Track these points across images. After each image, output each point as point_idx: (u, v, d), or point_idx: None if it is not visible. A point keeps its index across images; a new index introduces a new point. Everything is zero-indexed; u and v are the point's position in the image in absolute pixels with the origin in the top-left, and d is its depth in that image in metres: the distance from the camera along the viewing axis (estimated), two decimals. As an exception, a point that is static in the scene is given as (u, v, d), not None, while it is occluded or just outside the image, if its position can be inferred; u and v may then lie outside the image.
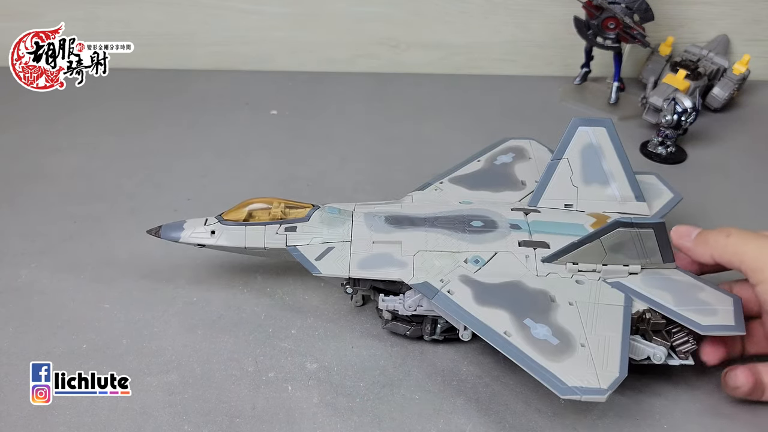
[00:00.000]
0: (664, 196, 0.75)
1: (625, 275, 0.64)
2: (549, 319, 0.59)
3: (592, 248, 0.63)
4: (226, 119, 1.06)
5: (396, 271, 0.64)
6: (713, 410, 0.62)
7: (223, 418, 0.60)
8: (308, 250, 0.66)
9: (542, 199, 0.73)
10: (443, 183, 0.77)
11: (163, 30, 1.17)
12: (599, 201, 0.72)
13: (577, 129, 0.73)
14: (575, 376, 0.54)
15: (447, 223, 0.68)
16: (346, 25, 1.17)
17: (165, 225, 0.69)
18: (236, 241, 0.67)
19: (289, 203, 0.69)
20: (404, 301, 0.64)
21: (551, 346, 0.57)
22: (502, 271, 0.64)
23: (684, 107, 0.94)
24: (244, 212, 0.68)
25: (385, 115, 1.09)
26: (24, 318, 0.69)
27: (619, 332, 0.58)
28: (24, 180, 0.91)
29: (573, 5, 1.03)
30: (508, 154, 0.81)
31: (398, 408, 0.61)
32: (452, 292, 0.61)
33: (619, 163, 0.73)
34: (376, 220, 0.68)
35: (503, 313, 0.60)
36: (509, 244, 0.66)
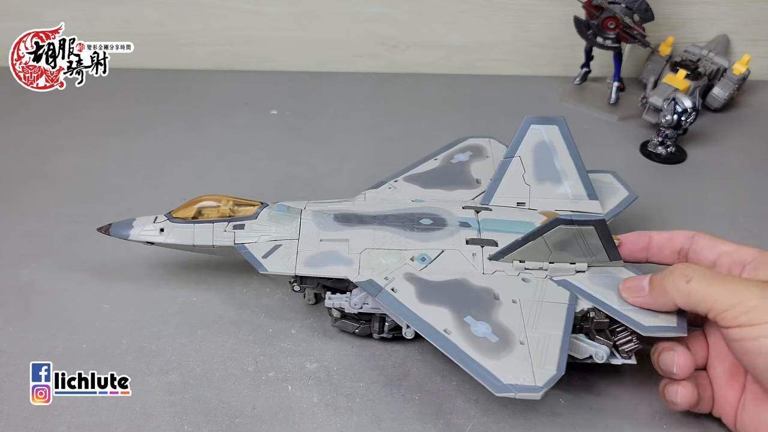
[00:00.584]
0: (620, 194, 0.75)
1: (572, 273, 0.64)
2: (490, 317, 0.59)
3: (536, 246, 0.62)
4: (226, 119, 1.06)
5: (342, 268, 0.64)
6: (713, 410, 0.62)
7: (223, 418, 0.60)
8: (256, 248, 0.66)
9: (495, 197, 0.73)
10: (398, 181, 0.77)
11: (163, 30, 1.17)
12: (552, 199, 0.72)
13: (529, 127, 0.73)
14: (512, 373, 0.54)
15: (396, 221, 0.68)
16: (346, 25, 1.17)
17: (115, 223, 0.69)
18: (185, 238, 0.67)
19: (238, 201, 0.69)
20: (350, 299, 0.64)
21: (490, 344, 0.57)
22: (448, 269, 0.64)
23: (684, 107, 0.94)
24: (193, 210, 0.68)
25: (385, 115, 1.09)
26: (24, 318, 0.69)
27: (560, 330, 0.58)
28: (24, 180, 0.91)
29: (573, 5, 1.04)
30: (465, 152, 0.82)
31: (398, 408, 0.61)
32: (396, 290, 0.61)
33: (572, 161, 0.73)
34: (325, 218, 0.68)
35: (444, 311, 0.59)
36: (457, 242, 0.66)
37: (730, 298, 0.51)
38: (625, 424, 0.60)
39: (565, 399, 0.62)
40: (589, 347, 0.60)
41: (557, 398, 0.62)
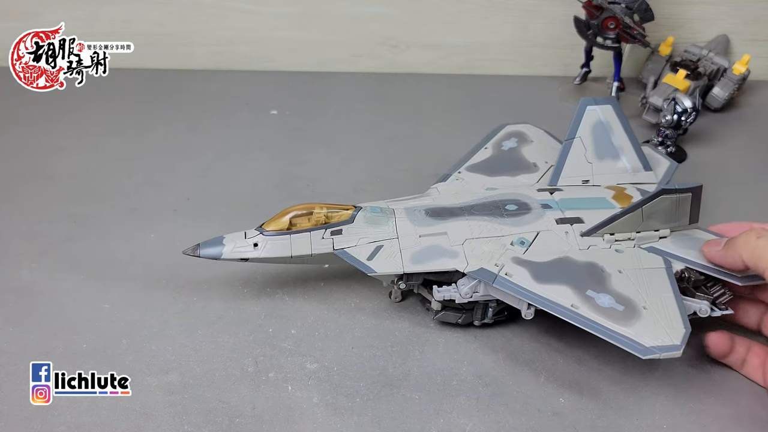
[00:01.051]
0: (663, 164, 0.80)
1: (656, 240, 0.67)
2: (607, 288, 0.62)
3: (630, 218, 0.66)
4: (226, 119, 1.06)
5: (449, 261, 0.65)
6: (714, 410, 0.61)
7: (223, 418, 0.60)
8: (358, 251, 0.66)
9: (561, 177, 0.76)
10: (462, 172, 0.79)
11: (163, 30, 1.17)
12: (613, 174, 0.77)
13: (585, 108, 0.78)
14: (649, 337, 0.57)
15: (484, 209, 0.70)
16: (346, 25, 1.17)
17: (203, 243, 0.67)
18: (282, 251, 0.66)
19: (331, 206, 0.69)
20: (459, 290, 0.65)
21: (619, 313, 0.59)
22: (549, 249, 0.66)
23: (684, 107, 0.94)
24: (285, 221, 0.67)
25: (385, 115, 1.09)
26: (24, 318, 0.69)
27: (671, 292, 0.61)
28: (24, 180, 0.91)
29: (573, 5, 1.03)
30: (511, 139, 0.84)
31: (398, 408, 0.61)
32: (510, 275, 0.63)
33: (626, 137, 0.78)
34: (417, 215, 0.69)
35: (565, 288, 0.62)
36: (547, 222, 0.69)
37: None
38: (626, 424, 0.60)
39: (566, 399, 0.62)
40: (692, 304, 0.62)
41: (558, 398, 0.62)
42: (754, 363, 0.63)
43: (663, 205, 0.65)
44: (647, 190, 0.74)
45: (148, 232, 0.81)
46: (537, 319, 0.70)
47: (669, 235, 0.68)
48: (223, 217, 0.85)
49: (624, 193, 0.74)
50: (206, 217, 0.85)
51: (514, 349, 0.67)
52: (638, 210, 0.65)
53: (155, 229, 0.82)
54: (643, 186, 0.76)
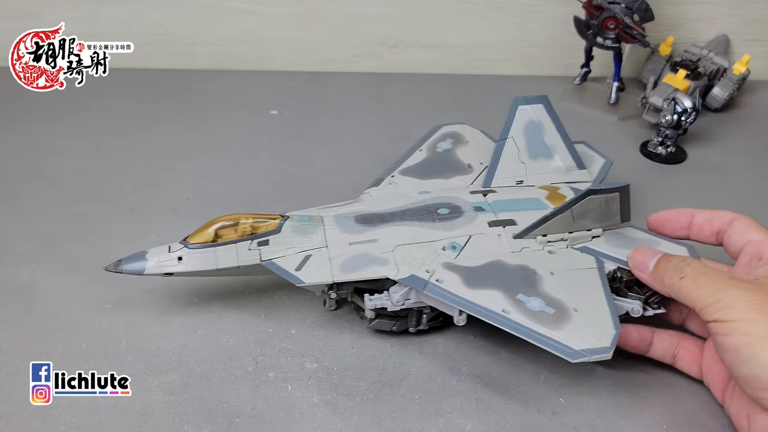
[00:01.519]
0: (598, 162, 0.81)
1: (588, 239, 0.67)
2: (538, 291, 0.61)
3: (561, 218, 0.65)
4: (226, 119, 1.06)
5: (379, 269, 0.64)
6: (714, 410, 0.61)
7: (223, 418, 0.60)
8: (286, 262, 0.65)
9: (495, 178, 0.76)
10: (395, 176, 0.78)
11: (163, 30, 1.17)
12: (547, 173, 0.77)
13: (517, 108, 0.77)
14: (578, 340, 0.56)
15: (415, 214, 0.69)
16: (346, 25, 1.17)
17: (125, 258, 0.65)
18: (207, 264, 0.65)
19: (257, 216, 0.67)
20: (391, 297, 0.64)
21: (549, 316, 0.59)
22: (481, 253, 0.65)
23: (684, 107, 0.94)
24: (210, 233, 0.65)
25: (385, 115, 1.09)
26: (24, 318, 0.69)
27: (602, 292, 0.61)
28: (24, 180, 0.91)
29: (573, 5, 1.04)
30: (446, 140, 0.84)
31: (398, 408, 0.61)
32: (441, 281, 0.62)
33: (559, 135, 0.78)
34: (347, 222, 0.68)
35: (496, 293, 0.61)
36: (480, 226, 0.68)
37: (711, 296, 0.55)
38: (626, 424, 0.60)
39: (565, 399, 0.62)
40: (624, 304, 0.62)
41: (558, 398, 0.62)
42: (687, 359, 0.63)
43: (592, 206, 0.65)
44: (581, 188, 0.73)
45: (148, 232, 0.81)
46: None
47: (602, 235, 0.68)
48: (223, 217, 0.84)
49: (557, 193, 0.74)
50: (206, 217, 0.84)
51: (514, 349, 0.67)
52: (568, 211, 0.65)
53: (155, 229, 0.82)
54: (576, 185, 0.76)
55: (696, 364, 0.63)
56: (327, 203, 0.72)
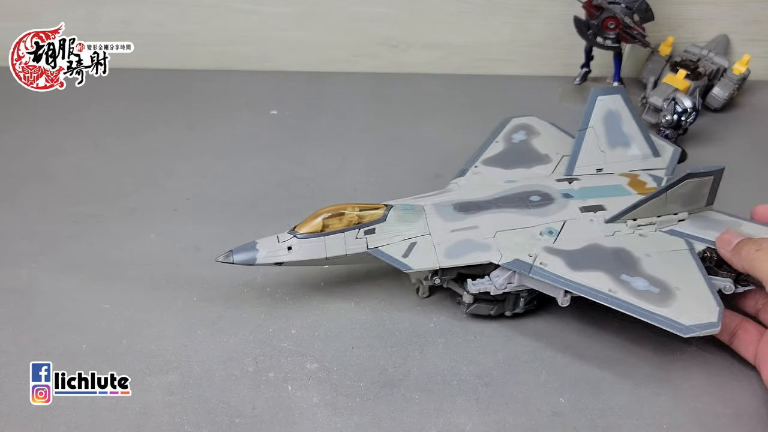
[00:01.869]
0: (668, 149, 0.82)
1: (675, 223, 0.70)
2: (640, 272, 0.63)
3: (653, 202, 0.68)
4: (226, 119, 1.06)
5: (483, 254, 0.66)
6: (714, 410, 0.61)
7: (223, 418, 0.60)
8: (392, 249, 0.67)
9: (576, 167, 0.78)
10: (478, 166, 0.80)
11: (163, 30, 1.17)
12: (625, 161, 0.79)
13: (596, 99, 0.80)
14: (686, 316, 0.58)
15: (509, 202, 0.71)
16: (346, 25, 1.17)
17: (235, 249, 0.67)
18: (316, 252, 0.67)
19: (362, 206, 0.69)
20: (494, 282, 0.66)
21: (655, 295, 0.61)
22: (577, 237, 0.67)
23: (684, 107, 0.94)
24: (318, 223, 0.67)
25: (385, 115, 1.09)
26: (24, 318, 0.69)
27: (698, 272, 0.63)
28: (24, 180, 0.91)
29: (573, 5, 1.04)
30: (519, 132, 0.85)
31: (398, 408, 0.61)
32: (545, 264, 0.64)
33: (636, 125, 0.80)
34: (447, 210, 0.70)
35: (600, 274, 0.63)
36: (572, 211, 0.70)
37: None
38: (626, 424, 0.60)
39: (566, 399, 0.62)
40: (717, 282, 0.64)
41: (558, 398, 0.62)
42: (744, 339, 0.64)
43: (686, 189, 0.67)
44: (658, 175, 0.77)
45: (148, 232, 0.81)
46: (536, 319, 0.70)
47: (687, 218, 0.70)
48: (223, 217, 0.85)
49: (638, 180, 0.76)
50: (206, 217, 0.85)
51: (514, 349, 0.67)
52: (663, 195, 0.67)
53: (155, 229, 0.82)
54: (653, 172, 0.78)
55: (752, 346, 0.64)
56: (327, 203, 0.71)
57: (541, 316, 0.70)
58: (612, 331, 0.68)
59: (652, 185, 0.75)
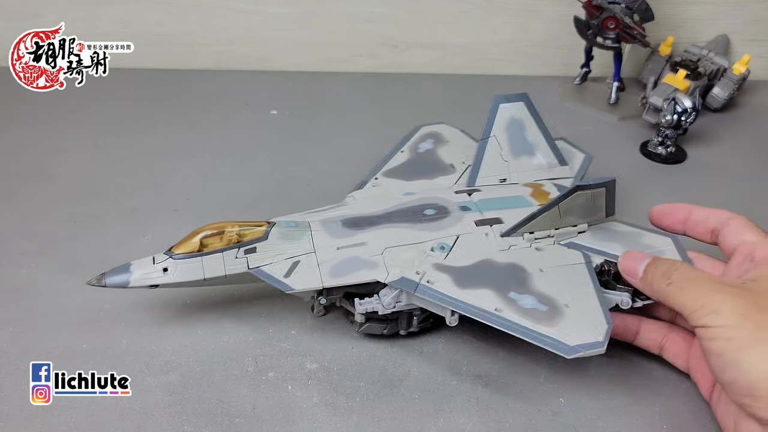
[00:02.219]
0: (578, 157, 0.81)
1: (574, 235, 0.68)
2: (529, 289, 0.61)
3: (548, 215, 0.66)
4: (226, 119, 1.06)
5: (369, 272, 0.63)
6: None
7: (223, 418, 0.60)
8: (274, 269, 0.64)
9: (478, 177, 0.76)
10: (378, 178, 0.78)
11: (163, 30, 1.17)
12: (529, 171, 0.77)
13: (498, 107, 0.77)
14: (572, 335, 0.56)
15: (402, 216, 0.69)
16: (346, 25, 1.17)
17: (108, 272, 0.63)
18: (193, 274, 0.63)
19: (243, 224, 0.66)
20: (382, 301, 0.63)
21: (542, 313, 0.59)
22: (470, 252, 0.65)
23: (684, 107, 0.94)
24: (196, 242, 0.64)
25: (385, 115, 1.09)
26: (24, 318, 0.69)
27: (591, 287, 0.61)
28: (24, 180, 0.91)
29: (573, 5, 1.04)
30: (427, 140, 0.84)
31: (398, 408, 0.61)
32: (432, 282, 0.62)
33: (540, 133, 0.78)
34: (334, 226, 0.67)
35: (487, 292, 0.61)
36: (467, 225, 0.68)
37: (696, 301, 0.54)
38: (626, 424, 0.60)
39: (565, 399, 0.62)
40: (613, 297, 0.63)
41: (558, 398, 0.62)
42: (673, 350, 0.64)
43: (579, 201, 0.65)
44: (564, 185, 0.74)
45: (148, 232, 0.81)
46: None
47: (587, 230, 0.68)
48: (223, 217, 0.84)
49: (541, 190, 0.74)
50: (206, 217, 0.84)
51: (513, 349, 0.67)
52: (555, 207, 0.65)
53: (155, 230, 0.82)
54: (559, 181, 0.76)
55: (682, 357, 0.63)
56: (328, 203, 0.72)
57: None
58: (612, 331, 0.68)
59: (556, 195, 0.71)
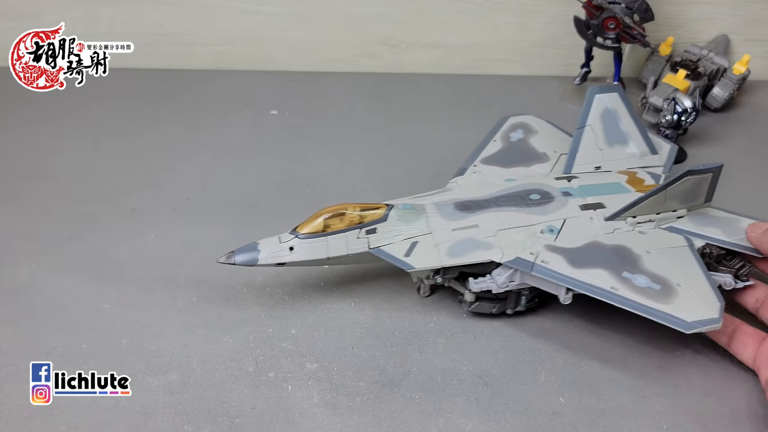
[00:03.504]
0: (665, 147, 0.83)
1: (674, 220, 0.70)
2: (641, 269, 0.64)
3: (653, 200, 0.68)
4: (226, 119, 1.06)
5: (485, 252, 0.66)
6: (713, 411, 0.62)
7: (223, 418, 0.60)
8: (394, 249, 0.67)
9: (575, 165, 0.78)
10: (477, 165, 0.80)
11: (163, 30, 1.17)
12: (623, 159, 0.79)
13: (594, 97, 0.80)
14: (688, 312, 0.59)
15: (509, 200, 0.71)
16: (346, 25, 1.17)
17: (237, 249, 0.66)
18: (318, 252, 0.66)
19: (363, 206, 0.69)
20: (496, 280, 0.66)
21: (656, 292, 0.61)
22: (578, 235, 0.68)
23: (684, 107, 0.94)
24: (319, 223, 0.67)
25: (385, 115, 1.09)
26: (24, 318, 0.69)
27: (698, 268, 0.64)
28: (24, 180, 0.91)
29: (573, 5, 1.04)
30: (517, 130, 0.86)
31: (398, 408, 0.61)
32: (546, 262, 0.64)
33: (633, 122, 0.81)
34: (447, 209, 0.70)
35: (602, 271, 0.63)
36: (572, 209, 0.70)
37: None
38: (626, 424, 0.60)
39: (566, 399, 0.62)
40: (717, 278, 0.65)
41: (558, 398, 0.62)
42: (743, 341, 0.64)
43: (685, 186, 0.68)
44: (656, 173, 0.78)
45: (148, 232, 0.81)
46: (536, 318, 0.70)
47: (686, 215, 0.70)
48: (223, 217, 0.85)
49: (636, 177, 0.76)
50: (206, 217, 0.85)
51: (514, 349, 0.67)
52: (662, 192, 0.67)
53: (155, 229, 0.82)
54: (651, 169, 0.78)
55: (751, 348, 0.63)
56: (327, 203, 0.71)
57: (541, 315, 0.70)
58: (612, 330, 0.68)
59: (650, 182, 0.75)
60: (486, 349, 0.67)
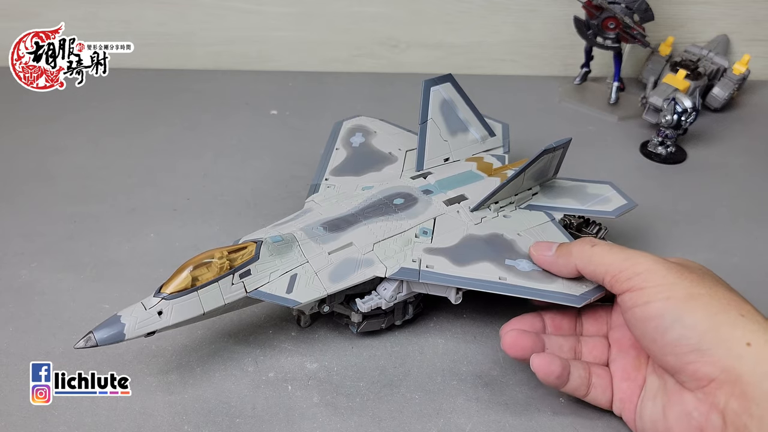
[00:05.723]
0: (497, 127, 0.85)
1: (530, 198, 0.73)
2: (519, 253, 0.65)
3: (514, 183, 0.69)
4: (226, 119, 1.06)
5: (367, 270, 0.63)
6: (713, 410, 0.61)
7: (223, 418, 0.60)
8: (273, 287, 0.62)
9: (425, 160, 0.78)
10: (328, 179, 0.78)
11: (163, 30, 1.17)
12: (467, 146, 0.81)
13: (430, 90, 0.79)
14: (574, 287, 0.61)
15: (375, 210, 0.69)
16: (346, 25, 1.17)
17: (96, 328, 0.57)
18: (192, 311, 0.59)
19: (230, 248, 0.62)
20: (383, 295, 0.64)
21: (540, 273, 0.62)
22: (451, 232, 0.67)
23: (684, 107, 0.94)
24: (186, 277, 0.59)
25: (385, 115, 1.08)
26: (24, 318, 0.69)
27: (565, 240, 0.66)
28: (24, 180, 0.91)
29: (573, 5, 1.04)
30: (356, 134, 0.86)
31: (398, 408, 0.61)
32: (431, 266, 0.63)
33: (469, 109, 0.81)
34: (317, 232, 0.66)
35: (486, 264, 0.63)
36: (438, 207, 0.70)
37: (624, 261, 0.54)
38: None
39: (566, 399, 0.62)
40: None
41: (558, 397, 0.62)
42: (601, 385, 0.59)
43: (542, 164, 0.69)
44: (498, 153, 0.81)
45: (147, 232, 0.81)
46: (537, 319, 0.70)
47: (539, 191, 0.73)
48: (223, 217, 0.85)
49: (484, 162, 0.78)
50: (206, 217, 0.85)
51: (514, 349, 0.67)
52: (521, 175, 0.68)
53: (155, 229, 0.82)
54: (492, 151, 0.81)
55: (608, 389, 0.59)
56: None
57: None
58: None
59: (497, 165, 0.78)
60: (486, 349, 0.67)
